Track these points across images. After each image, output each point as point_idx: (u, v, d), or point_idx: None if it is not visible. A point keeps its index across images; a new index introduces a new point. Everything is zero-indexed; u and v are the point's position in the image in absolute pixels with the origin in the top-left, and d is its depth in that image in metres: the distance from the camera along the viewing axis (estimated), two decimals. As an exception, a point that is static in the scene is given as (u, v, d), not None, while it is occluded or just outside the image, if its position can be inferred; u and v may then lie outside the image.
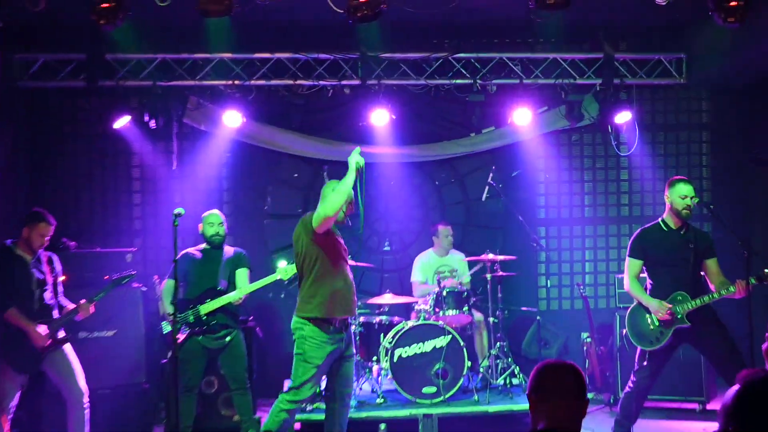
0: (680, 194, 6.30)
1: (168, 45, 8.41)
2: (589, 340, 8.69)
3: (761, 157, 6.60)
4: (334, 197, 5.78)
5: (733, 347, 6.14)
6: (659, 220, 6.50)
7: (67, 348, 6.51)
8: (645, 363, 6.36)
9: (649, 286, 6.48)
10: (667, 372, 6.82)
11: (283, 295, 9.32)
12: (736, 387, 2.27)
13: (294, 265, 6.35)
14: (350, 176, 5.84)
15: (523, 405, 7.32)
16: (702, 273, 6.36)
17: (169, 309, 6.60)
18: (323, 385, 6.23)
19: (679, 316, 6.21)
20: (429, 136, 9.59)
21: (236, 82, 8.47)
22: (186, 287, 6.98)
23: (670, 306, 6.22)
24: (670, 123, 9.99)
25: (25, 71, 8.33)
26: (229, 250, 7.20)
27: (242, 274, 7.12)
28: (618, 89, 8.83)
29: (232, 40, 8.19)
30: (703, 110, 10.00)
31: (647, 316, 6.34)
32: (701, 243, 6.35)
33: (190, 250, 7.18)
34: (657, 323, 6.28)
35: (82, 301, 6.53)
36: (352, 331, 7.82)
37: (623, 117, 8.83)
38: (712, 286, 6.27)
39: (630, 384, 6.44)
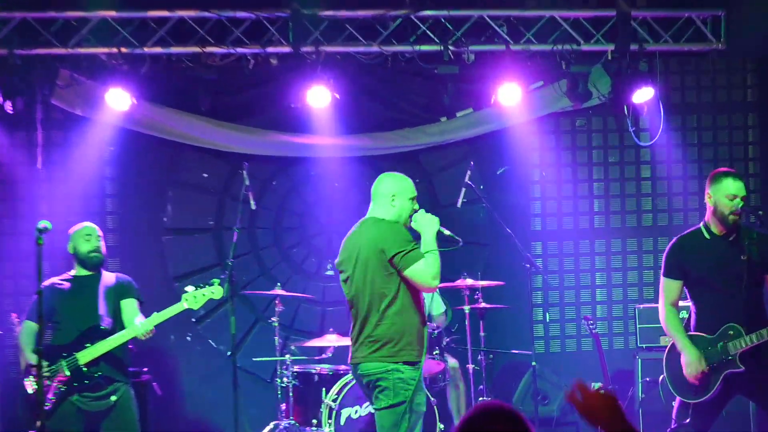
0: (727, 192, 6.24)
1: (30, 2, 8.33)
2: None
3: None
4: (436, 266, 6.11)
5: None
6: (700, 225, 6.47)
7: None
8: (687, 420, 6.33)
9: (693, 316, 6.49)
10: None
11: (189, 337, 9.25)
12: None
13: (206, 290, 6.39)
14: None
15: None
16: (762, 293, 6.38)
17: (32, 359, 6.50)
18: None
19: (730, 358, 6.18)
20: (385, 121, 9.63)
21: (123, 49, 8.41)
22: (54, 329, 6.90)
23: (706, 369, 6.18)
24: (705, 103, 10.13)
25: None
26: (109, 278, 7.15)
27: (130, 306, 7.09)
28: (637, 58, 8.92)
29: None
30: (748, 85, 10.15)
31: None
32: (760, 251, 6.31)
33: (55, 279, 7.10)
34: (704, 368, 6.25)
35: None
36: (283, 384, 7.82)
37: (644, 95, 8.91)
38: None
39: None
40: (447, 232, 6.39)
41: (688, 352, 6.24)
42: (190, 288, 6.99)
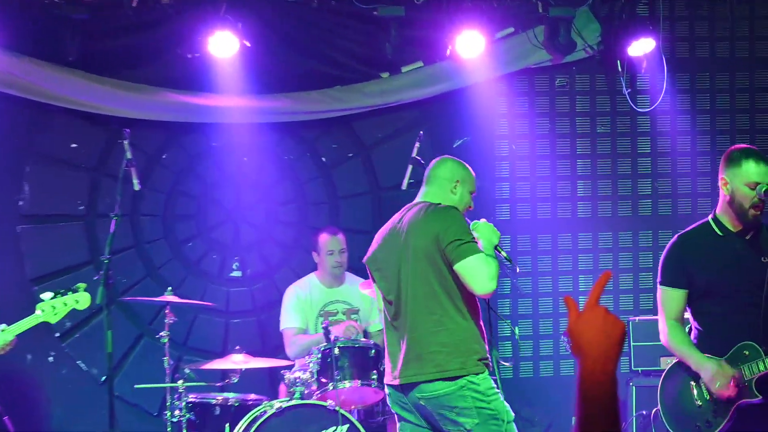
0: (748, 178, 6.19)
1: None
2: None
3: None
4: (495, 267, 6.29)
5: None
6: (709, 218, 6.48)
7: None
8: None
9: (695, 333, 6.50)
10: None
11: (52, 357, 9.15)
12: None
13: (68, 297, 6.39)
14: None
15: None
16: None
17: None
18: None
19: (745, 384, 6.20)
20: (310, 78, 9.60)
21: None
22: None
23: (735, 373, 6.20)
24: (721, 58, 10.19)
25: None
26: None
27: None
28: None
29: None
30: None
31: (693, 384, 6.34)
32: None
33: None
34: (708, 397, 6.27)
35: None
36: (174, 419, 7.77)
37: (642, 47, 8.98)
38: None
39: None
40: (504, 253, 6.54)
41: (706, 365, 6.23)
42: (47, 295, 6.92)
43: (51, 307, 6.90)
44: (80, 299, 6.99)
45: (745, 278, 6.30)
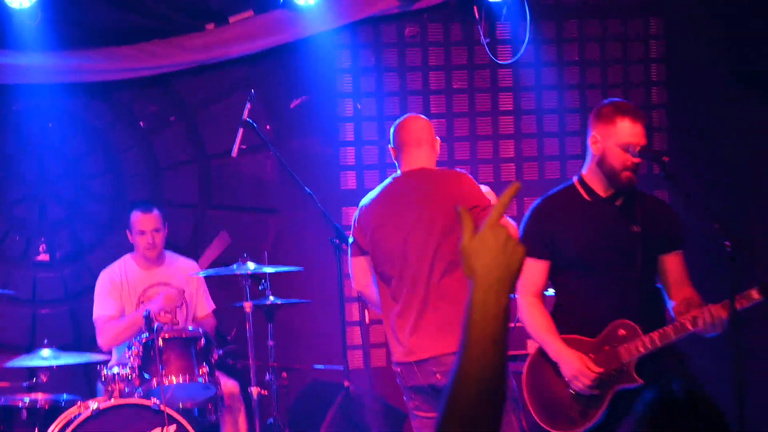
0: (621, 138, 6.32)
1: None
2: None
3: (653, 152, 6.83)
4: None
5: (719, 418, 6.41)
6: (574, 180, 6.60)
7: None
8: None
9: (560, 312, 6.59)
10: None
11: None
12: None
13: None
14: None
15: None
16: (658, 280, 6.56)
17: None
18: None
19: (623, 367, 6.30)
20: (122, 31, 9.54)
21: None
22: None
23: (598, 372, 6.31)
24: (592, 3, 10.36)
25: None
26: None
27: None
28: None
29: None
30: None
31: (557, 369, 6.41)
32: (658, 222, 6.54)
33: None
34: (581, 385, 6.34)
35: None
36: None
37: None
38: (673, 305, 6.46)
39: None
40: None
41: (566, 358, 6.32)
42: None
43: None
44: None
45: (616, 250, 6.43)
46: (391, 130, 7.34)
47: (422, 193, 6.76)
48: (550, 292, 6.91)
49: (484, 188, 8.83)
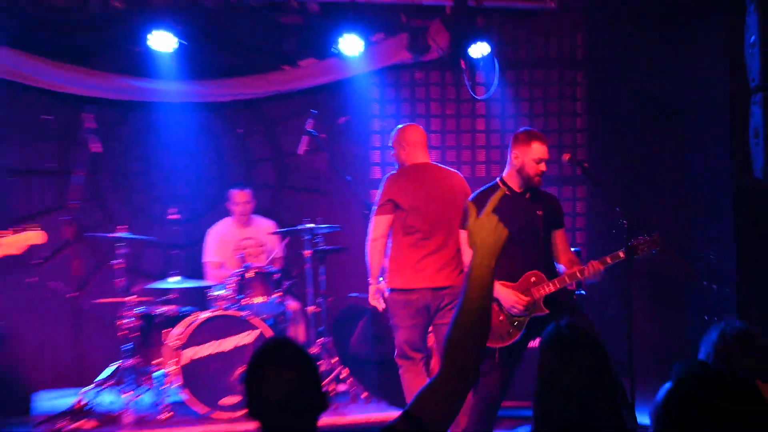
0: (536, 156, 6.40)
1: None
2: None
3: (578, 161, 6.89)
4: None
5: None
6: (498, 180, 6.59)
7: None
8: (495, 363, 6.41)
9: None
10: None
11: (31, 280, 9.09)
12: (668, 385, 2.44)
13: (25, 235, 6.48)
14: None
15: (352, 416, 7.51)
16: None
17: None
18: None
19: (535, 301, 6.38)
20: (229, 68, 9.53)
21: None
22: None
23: (527, 300, 6.36)
24: (538, 60, 10.30)
25: None
26: None
27: None
28: (474, 14, 9.06)
29: None
30: (578, 45, 10.37)
31: (496, 306, 6.41)
32: (551, 208, 6.60)
33: None
34: (506, 314, 6.39)
35: None
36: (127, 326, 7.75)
37: (480, 50, 9.10)
38: (560, 264, 6.56)
39: (470, 397, 6.36)
40: None
41: (505, 294, 6.39)
42: (7, 233, 6.76)
43: (13, 241, 6.72)
44: (36, 236, 6.85)
45: (527, 227, 6.44)
46: (397, 133, 7.39)
47: (440, 179, 7.07)
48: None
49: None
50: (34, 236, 6.83)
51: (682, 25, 8.83)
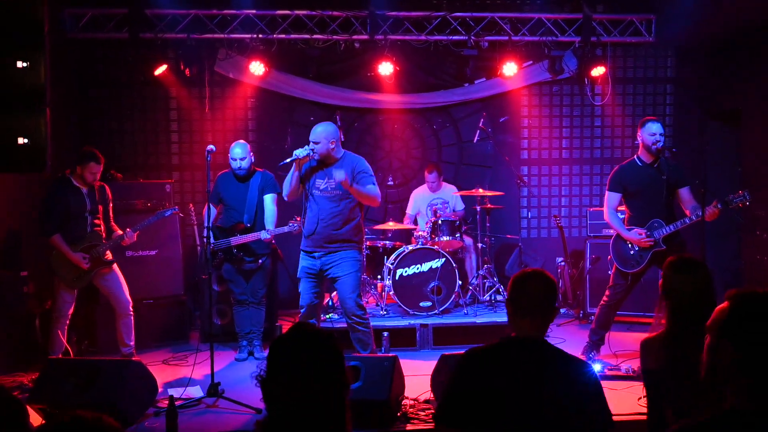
0: (650, 132, 6.17)
1: (200, 2, 8.26)
2: (563, 263, 8.70)
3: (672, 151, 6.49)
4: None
5: None
6: (635, 157, 6.35)
7: (114, 266, 6.55)
8: (621, 281, 6.28)
9: (627, 215, 6.39)
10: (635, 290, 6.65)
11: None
12: (725, 304, 2.24)
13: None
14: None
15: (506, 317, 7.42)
16: (676, 202, 6.26)
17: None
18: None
19: (656, 239, 6.13)
20: (428, 86, 9.42)
21: (260, 35, 8.33)
22: (223, 212, 7.00)
23: (647, 234, 6.13)
24: (639, 77, 9.79)
25: (75, 24, 8.19)
26: (255, 177, 6.97)
27: (269, 200, 6.88)
28: (594, 46, 8.72)
29: (257, -1, 8.09)
30: (668, 66, 9.80)
31: (628, 243, 6.25)
32: (674, 174, 6.21)
33: (223, 174, 7.04)
34: (637, 248, 6.20)
35: (128, 230, 6.55)
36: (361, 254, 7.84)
37: (598, 71, 8.77)
38: (687, 212, 6.17)
39: (605, 298, 6.36)
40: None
41: (631, 236, 6.20)
42: (297, 219, 6.50)
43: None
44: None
45: (653, 186, 6.17)
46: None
47: None
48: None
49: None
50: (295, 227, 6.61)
51: (744, 51, 8.17)
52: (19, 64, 4.52)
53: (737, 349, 2.15)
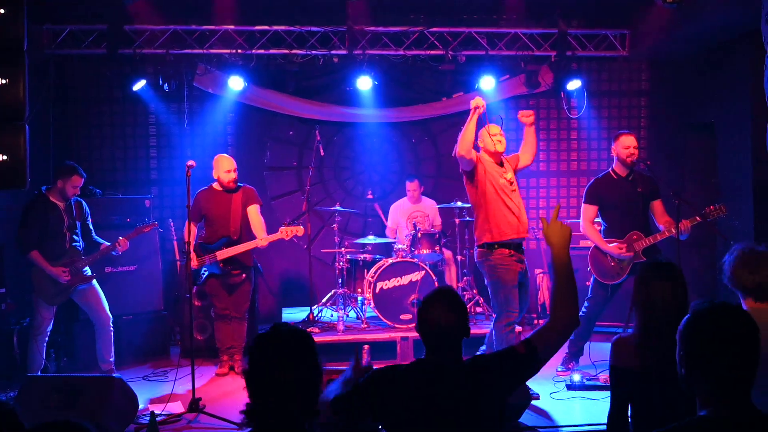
0: (623, 145, 6.27)
1: (179, 18, 8.27)
2: (542, 275, 8.78)
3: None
4: (460, 138, 6.07)
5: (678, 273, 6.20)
6: (609, 169, 6.42)
7: (94, 281, 6.54)
8: (601, 291, 6.33)
9: (603, 228, 6.44)
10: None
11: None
12: (687, 315, 2.33)
13: (294, 228, 6.71)
14: (470, 119, 6.10)
15: (483, 329, 7.44)
16: (650, 214, 6.35)
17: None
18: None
19: (637, 252, 6.19)
20: (406, 100, 9.48)
21: (239, 51, 8.36)
22: (205, 228, 7.02)
23: (626, 246, 6.18)
24: (614, 91, 9.94)
25: (53, 40, 8.18)
26: (238, 191, 6.99)
27: (254, 211, 6.89)
28: (570, 60, 8.81)
29: (235, 14, 8.08)
30: (642, 80, 9.94)
31: (607, 255, 6.29)
32: (647, 186, 6.31)
33: (204, 190, 7.00)
34: (616, 260, 6.24)
35: (121, 239, 6.56)
36: (340, 266, 7.83)
37: (574, 85, 8.85)
38: (659, 225, 6.24)
39: (583, 309, 6.40)
40: None
41: (612, 248, 6.25)
42: (285, 224, 6.80)
43: (287, 231, 6.74)
44: (298, 230, 6.78)
45: (629, 199, 6.25)
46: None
47: None
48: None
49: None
50: (298, 230, 6.82)
51: (716, 65, 8.33)
52: (-1, 81, 4.52)
53: (691, 359, 2.26)
